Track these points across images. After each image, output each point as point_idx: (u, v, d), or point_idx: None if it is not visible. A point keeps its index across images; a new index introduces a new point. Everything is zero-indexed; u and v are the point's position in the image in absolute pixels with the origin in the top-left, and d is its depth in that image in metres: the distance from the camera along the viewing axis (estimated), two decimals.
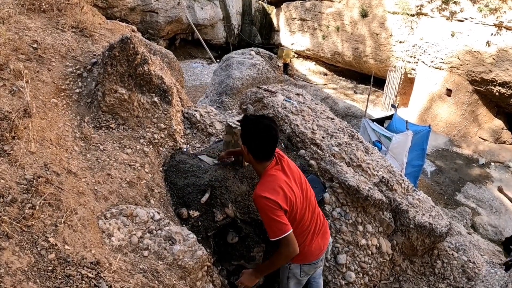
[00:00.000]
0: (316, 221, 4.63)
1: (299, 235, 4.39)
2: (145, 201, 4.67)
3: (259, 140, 4.14)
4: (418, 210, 6.37)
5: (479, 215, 17.03)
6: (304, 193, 4.44)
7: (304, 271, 4.73)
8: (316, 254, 4.66)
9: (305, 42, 31.45)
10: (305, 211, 4.43)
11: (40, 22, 6.18)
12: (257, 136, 4.14)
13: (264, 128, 4.12)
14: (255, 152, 4.22)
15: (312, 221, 4.57)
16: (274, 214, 3.99)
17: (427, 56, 22.75)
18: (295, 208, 4.24)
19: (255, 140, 4.16)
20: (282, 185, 4.12)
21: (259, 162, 4.27)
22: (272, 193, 4.02)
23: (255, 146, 4.18)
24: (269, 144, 4.16)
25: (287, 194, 4.12)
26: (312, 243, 4.57)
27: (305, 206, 4.42)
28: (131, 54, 5.37)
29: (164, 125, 5.61)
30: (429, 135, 15.08)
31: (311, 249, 4.57)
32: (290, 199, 4.14)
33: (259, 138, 4.13)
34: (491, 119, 21.94)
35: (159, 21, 26.34)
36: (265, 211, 4.02)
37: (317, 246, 4.64)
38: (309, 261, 4.66)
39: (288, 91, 7.42)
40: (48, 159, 3.97)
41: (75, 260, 3.09)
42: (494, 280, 6.36)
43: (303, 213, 4.39)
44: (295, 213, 4.26)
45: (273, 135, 4.13)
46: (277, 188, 4.08)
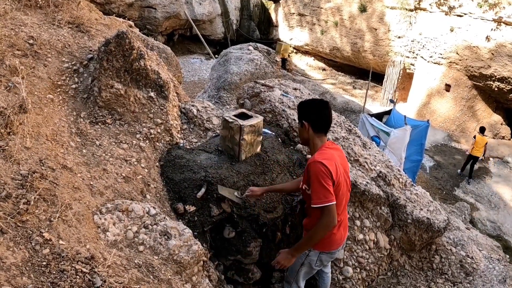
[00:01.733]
0: (345, 213, 4.77)
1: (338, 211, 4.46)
2: (141, 196, 4.65)
3: (320, 112, 4.41)
4: (416, 205, 6.36)
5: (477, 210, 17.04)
6: (346, 183, 4.57)
7: (320, 260, 4.74)
8: (337, 243, 4.70)
9: (303, 37, 31.41)
10: (344, 197, 4.54)
11: (36, 18, 6.16)
12: (317, 110, 4.42)
13: (322, 103, 4.46)
14: (316, 124, 4.42)
15: (344, 210, 4.70)
16: (325, 181, 4.13)
17: (426, 51, 22.74)
18: (339, 188, 4.35)
19: (316, 113, 4.41)
20: (336, 161, 4.31)
21: (319, 135, 4.46)
22: (328, 162, 4.18)
23: (316, 118, 4.41)
24: (327, 116, 4.43)
25: (338, 171, 4.29)
26: (338, 231, 4.62)
27: (345, 193, 4.57)
28: (127, 49, 5.35)
29: (160, 120, 5.59)
30: (427, 130, 15.09)
31: (336, 237, 4.62)
32: (338, 177, 4.28)
33: (320, 111, 4.41)
34: (490, 115, 21.94)
35: (157, 17, 26.31)
36: (317, 176, 4.15)
37: (340, 236, 4.68)
38: (329, 250, 4.68)
39: (285, 86, 7.40)
40: (43, 155, 3.96)
41: (70, 255, 3.07)
42: (492, 275, 6.36)
43: (342, 198, 4.50)
44: (338, 193, 4.35)
45: (330, 109, 4.46)
46: (332, 160, 4.25)
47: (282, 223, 5.35)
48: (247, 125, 5.21)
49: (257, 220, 4.99)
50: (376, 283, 6.28)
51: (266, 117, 6.58)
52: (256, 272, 5.20)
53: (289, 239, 5.60)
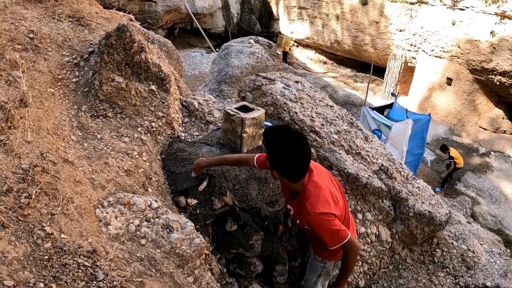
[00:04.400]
0: (349, 214, 4.54)
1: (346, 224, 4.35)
2: (143, 190, 4.64)
3: (292, 162, 3.67)
4: (418, 199, 6.36)
5: (478, 205, 17.06)
6: (339, 189, 4.31)
7: (337, 265, 4.71)
8: None
9: (304, 31, 31.37)
10: (344, 206, 4.31)
11: (36, 12, 6.14)
12: (289, 159, 3.65)
13: (294, 146, 3.61)
14: (291, 175, 3.79)
15: (347, 215, 4.46)
16: (333, 225, 3.82)
17: (427, 44, 22.71)
18: (341, 209, 4.11)
19: (287, 163, 3.68)
20: (329, 193, 3.92)
21: (296, 182, 3.86)
22: (326, 206, 3.80)
23: (289, 169, 3.73)
24: (303, 163, 3.72)
25: (335, 199, 3.97)
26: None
27: (343, 203, 4.29)
28: (128, 42, 5.34)
29: (162, 113, 5.58)
30: (429, 124, 15.10)
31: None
32: (338, 203, 4.00)
33: (292, 160, 3.66)
34: (491, 109, 21.92)
35: (158, 11, 26.29)
36: (324, 226, 3.83)
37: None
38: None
39: (287, 79, 7.38)
40: (44, 149, 3.94)
41: (72, 249, 3.07)
42: (493, 269, 6.37)
43: (343, 210, 4.26)
44: (340, 211, 4.07)
45: (305, 150, 3.67)
46: (327, 198, 3.87)
47: (284, 216, 5.35)
48: (249, 118, 5.20)
49: (259, 213, 4.99)
50: (378, 276, 6.29)
51: (268, 110, 6.57)
52: (258, 265, 5.19)
53: (291, 232, 5.60)
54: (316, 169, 4.04)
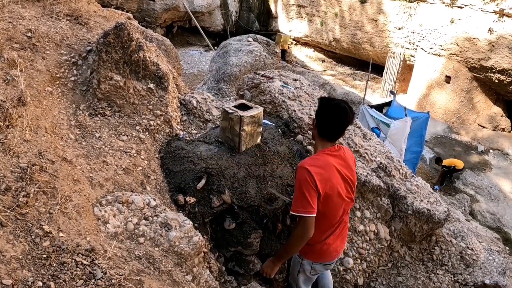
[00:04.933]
0: (343, 223, 4.57)
1: (325, 230, 4.39)
2: (141, 188, 4.65)
3: (330, 116, 4.08)
4: (416, 196, 6.36)
5: (477, 202, 17.09)
6: (347, 190, 4.36)
7: (314, 269, 4.68)
8: (333, 256, 4.61)
9: (303, 29, 31.38)
10: (340, 207, 4.36)
11: (34, 10, 6.15)
12: (329, 113, 4.08)
13: (338, 107, 4.07)
14: (322, 127, 4.18)
15: (341, 223, 4.51)
16: (307, 190, 3.97)
17: (426, 42, 22.73)
18: (329, 200, 4.16)
19: (326, 115, 4.10)
20: (327, 169, 4.09)
21: (321, 139, 4.24)
22: (315, 170, 3.99)
23: (324, 121, 4.13)
24: (337, 124, 4.11)
25: (329, 180, 4.08)
26: (333, 243, 4.50)
27: (341, 203, 4.33)
28: (126, 41, 5.34)
29: (160, 112, 5.58)
30: (427, 122, 15.11)
31: (330, 249, 4.51)
32: (329, 186, 4.09)
33: (330, 115, 4.07)
34: (490, 106, 21.95)
35: (156, 9, 26.29)
36: (300, 182, 4.01)
37: (336, 248, 4.56)
38: (324, 261, 4.63)
39: (285, 77, 7.38)
40: (42, 147, 3.94)
41: (70, 247, 3.07)
42: (492, 266, 6.37)
43: (337, 209, 4.34)
44: (329, 204, 4.20)
45: (344, 117, 4.06)
46: (322, 169, 4.05)
47: (282, 214, 5.35)
48: (247, 116, 5.19)
49: (257, 211, 4.99)
50: (377, 274, 6.29)
51: (266, 108, 6.57)
52: (257, 264, 5.19)
53: (290, 230, 5.60)
54: (342, 156, 4.29)
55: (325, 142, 4.23)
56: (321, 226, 4.29)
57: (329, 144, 4.24)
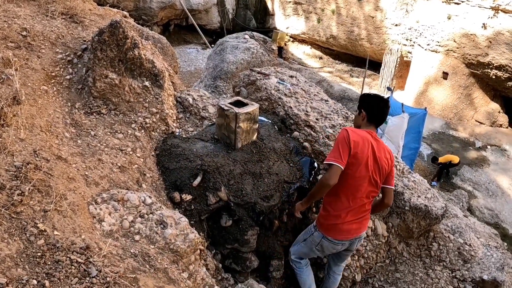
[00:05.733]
0: (363, 206, 4.76)
1: (345, 201, 4.68)
2: (137, 186, 4.65)
3: (378, 107, 4.70)
4: (414, 192, 6.35)
5: (475, 198, 17.07)
6: (375, 170, 4.67)
7: (322, 245, 4.84)
8: (343, 235, 4.76)
9: (300, 26, 31.32)
10: (363, 182, 4.65)
11: (29, 9, 6.14)
12: (377, 105, 4.71)
13: (383, 100, 4.77)
14: (371, 116, 4.70)
15: (362, 206, 4.73)
16: (342, 145, 4.46)
17: (423, 39, 22.69)
18: (357, 163, 4.54)
19: (375, 107, 4.70)
20: (364, 140, 4.55)
21: (368, 125, 4.73)
22: (352, 134, 4.51)
23: (373, 111, 4.69)
24: (383, 112, 4.72)
25: (362, 148, 4.52)
26: (347, 221, 4.70)
27: (365, 178, 4.64)
28: (121, 39, 5.32)
29: (156, 109, 5.57)
30: (425, 118, 15.05)
31: (343, 227, 4.71)
32: (360, 151, 4.50)
33: (378, 106, 4.70)
34: (488, 103, 21.92)
35: (153, 7, 26.21)
36: (338, 139, 4.53)
37: (349, 228, 4.74)
38: (333, 237, 4.77)
39: (281, 74, 7.37)
40: (37, 146, 3.94)
41: (65, 245, 3.06)
42: (490, 262, 6.37)
43: (361, 182, 4.64)
44: (355, 170, 4.56)
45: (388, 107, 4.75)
46: (360, 137, 4.54)
47: (279, 211, 5.35)
48: (243, 113, 5.19)
49: (253, 208, 4.99)
50: (374, 271, 6.29)
51: (263, 105, 6.56)
52: (254, 261, 5.20)
53: (287, 227, 5.61)
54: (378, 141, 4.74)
55: (368, 125, 4.75)
56: (342, 196, 4.65)
57: (371, 128, 4.75)
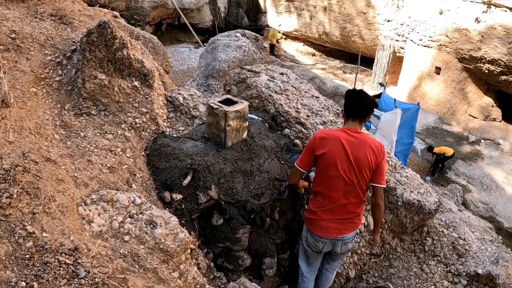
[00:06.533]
0: (343, 206, 4.82)
1: (320, 200, 4.86)
2: (127, 186, 4.64)
3: (349, 100, 4.87)
4: (406, 188, 6.35)
5: (470, 192, 17.12)
6: (348, 170, 4.72)
7: (308, 240, 5.05)
8: (322, 231, 4.87)
9: (292, 23, 31.33)
10: (338, 183, 4.73)
11: (18, 11, 6.13)
12: (348, 98, 4.89)
13: (355, 92, 4.97)
14: (346, 110, 4.88)
15: (339, 201, 4.79)
16: (306, 150, 4.85)
17: (415, 34, 22.72)
18: (327, 166, 4.72)
19: (347, 100, 4.89)
20: (331, 139, 4.73)
21: (345, 120, 4.93)
22: (321, 135, 4.80)
23: (346, 104, 4.88)
24: (355, 104, 4.83)
25: (332, 148, 4.69)
26: (324, 219, 4.83)
27: (339, 179, 4.72)
28: (109, 39, 5.31)
29: (145, 109, 5.57)
30: (418, 113, 15.11)
31: (321, 223, 4.85)
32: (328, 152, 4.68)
33: (350, 99, 4.87)
34: (481, 97, 21.97)
35: (144, 7, 26.18)
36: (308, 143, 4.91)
37: (327, 226, 4.85)
38: (313, 231, 4.93)
39: (272, 71, 7.38)
40: (26, 148, 3.94)
41: (53, 247, 3.06)
42: (484, 256, 6.37)
43: (334, 183, 4.74)
44: (326, 172, 4.75)
45: (362, 98, 4.88)
46: (330, 136, 4.76)
47: (270, 209, 5.35)
48: (232, 111, 5.19)
49: (244, 206, 4.99)
50: (368, 267, 6.30)
51: (253, 103, 6.57)
52: (246, 259, 5.21)
53: (279, 224, 5.61)
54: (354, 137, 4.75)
55: (347, 121, 4.89)
56: (318, 195, 4.87)
57: (350, 124, 4.84)
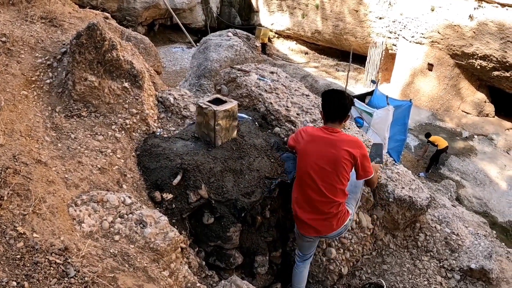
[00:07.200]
0: (315, 203, 4.95)
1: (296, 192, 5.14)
2: (118, 187, 4.66)
3: (324, 102, 5.01)
4: (398, 184, 6.37)
5: (463, 188, 17.19)
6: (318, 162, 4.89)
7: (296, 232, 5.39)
8: (302, 229, 5.12)
9: (284, 22, 31.39)
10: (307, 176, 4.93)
11: (9, 15, 6.14)
12: (324, 100, 5.02)
13: (329, 93, 5.05)
14: (324, 112, 5.03)
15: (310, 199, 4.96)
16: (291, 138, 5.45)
17: (407, 31, 22.80)
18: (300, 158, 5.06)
19: (324, 104, 5.01)
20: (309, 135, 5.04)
21: (325, 120, 5.07)
22: (301, 130, 5.23)
23: (324, 108, 5.03)
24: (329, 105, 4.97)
25: (303, 139, 5.06)
26: (300, 215, 5.05)
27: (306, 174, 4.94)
28: (98, 41, 5.33)
29: (136, 110, 5.59)
30: (410, 110, 15.19)
31: (297, 214, 5.09)
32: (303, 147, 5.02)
33: (325, 101, 5.01)
34: (474, 93, 22.07)
35: (136, 7, 26.18)
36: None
37: (303, 219, 5.04)
38: (297, 227, 5.25)
39: (262, 70, 7.40)
40: (17, 151, 3.96)
41: (44, 247, 3.09)
42: (477, 251, 6.40)
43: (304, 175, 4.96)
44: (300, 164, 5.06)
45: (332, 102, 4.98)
46: (305, 133, 5.10)
47: (261, 207, 5.38)
48: (221, 110, 5.23)
49: (235, 205, 5.01)
50: (361, 263, 6.33)
51: (243, 102, 6.60)
52: (237, 257, 5.23)
53: (270, 222, 5.64)
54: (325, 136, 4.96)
55: (326, 123, 5.04)
56: (296, 188, 5.14)
57: (329, 124, 5.00)
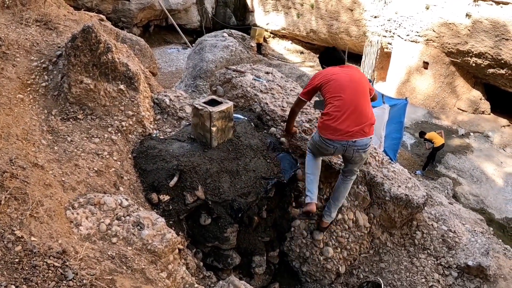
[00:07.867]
0: (359, 111, 5.30)
1: (333, 109, 5.29)
2: (114, 189, 4.67)
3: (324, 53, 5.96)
4: (394, 182, 6.38)
5: (460, 185, 17.17)
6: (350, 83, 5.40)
7: (317, 143, 5.46)
8: (336, 134, 5.21)
9: (280, 21, 31.31)
10: (341, 90, 5.32)
11: (4, 18, 6.14)
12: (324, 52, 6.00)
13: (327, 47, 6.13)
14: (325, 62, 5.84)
15: (352, 107, 5.26)
16: (308, 84, 5.67)
17: (402, 29, 22.78)
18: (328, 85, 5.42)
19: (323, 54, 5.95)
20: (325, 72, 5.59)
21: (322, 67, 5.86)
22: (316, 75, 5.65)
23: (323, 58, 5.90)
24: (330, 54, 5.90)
25: (325, 76, 5.51)
26: (341, 122, 5.21)
27: (344, 89, 5.33)
28: (93, 43, 5.34)
29: (132, 112, 5.60)
30: (406, 108, 15.15)
31: (336, 126, 5.21)
32: (325, 77, 5.49)
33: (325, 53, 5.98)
34: (469, 90, 22.06)
35: (132, 9, 26.08)
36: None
37: (345, 128, 5.21)
38: (324, 135, 5.29)
39: (257, 70, 7.41)
40: (13, 154, 3.96)
41: (42, 250, 3.10)
42: (474, 248, 6.41)
43: (336, 91, 5.33)
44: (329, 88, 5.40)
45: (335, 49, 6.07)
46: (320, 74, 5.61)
47: (258, 207, 5.39)
48: (217, 111, 5.24)
49: (231, 205, 5.03)
50: (359, 262, 6.33)
51: (239, 102, 6.61)
52: (235, 258, 5.24)
53: (267, 222, 5.65)
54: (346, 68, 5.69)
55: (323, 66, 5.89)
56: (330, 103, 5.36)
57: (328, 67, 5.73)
